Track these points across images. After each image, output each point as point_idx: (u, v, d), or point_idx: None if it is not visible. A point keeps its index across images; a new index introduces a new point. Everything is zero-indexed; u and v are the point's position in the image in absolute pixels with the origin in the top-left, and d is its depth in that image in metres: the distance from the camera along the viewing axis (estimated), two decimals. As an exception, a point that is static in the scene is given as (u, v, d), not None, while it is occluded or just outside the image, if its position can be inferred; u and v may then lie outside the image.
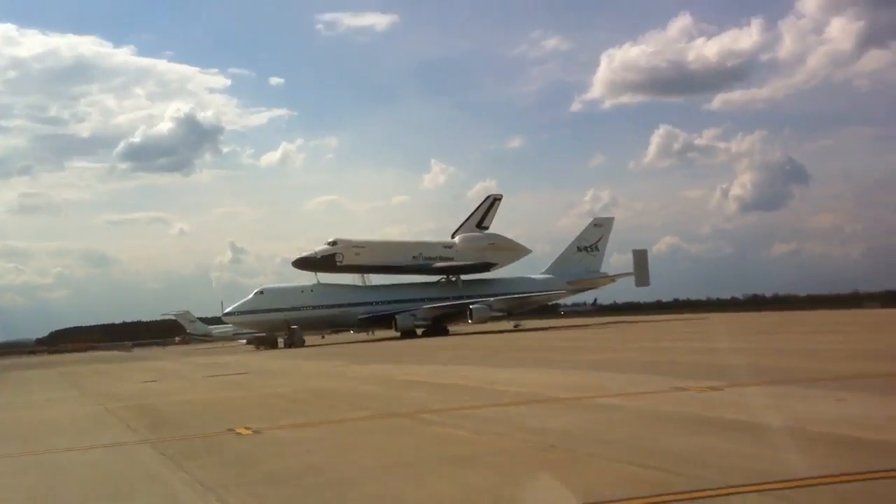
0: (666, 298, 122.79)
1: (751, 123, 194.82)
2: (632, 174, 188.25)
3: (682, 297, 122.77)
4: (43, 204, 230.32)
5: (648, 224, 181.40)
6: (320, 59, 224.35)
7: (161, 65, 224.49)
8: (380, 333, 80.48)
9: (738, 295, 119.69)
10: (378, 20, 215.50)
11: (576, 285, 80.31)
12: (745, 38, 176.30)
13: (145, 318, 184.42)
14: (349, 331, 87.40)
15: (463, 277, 79.05)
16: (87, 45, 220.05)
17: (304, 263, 75.45)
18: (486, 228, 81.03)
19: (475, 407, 15.21)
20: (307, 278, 76.61)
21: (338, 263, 74.73)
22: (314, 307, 73.14)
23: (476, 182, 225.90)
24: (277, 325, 72.49)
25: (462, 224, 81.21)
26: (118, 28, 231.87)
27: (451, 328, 76.10)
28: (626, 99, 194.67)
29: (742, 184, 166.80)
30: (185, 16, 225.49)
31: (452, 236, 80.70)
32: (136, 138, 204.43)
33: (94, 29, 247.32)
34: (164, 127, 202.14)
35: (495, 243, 79.40)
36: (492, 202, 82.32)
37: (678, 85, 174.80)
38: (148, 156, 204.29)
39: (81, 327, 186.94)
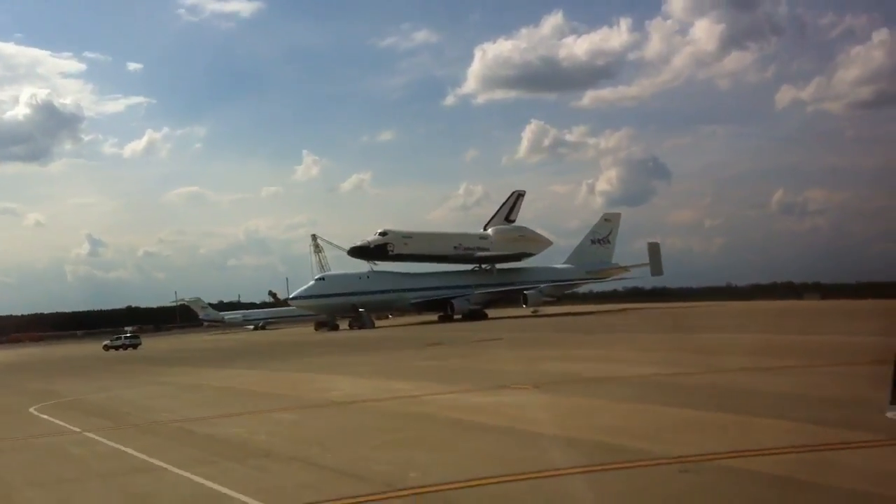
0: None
1: (618, 120, 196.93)
2: (504, 168, 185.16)
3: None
4: None
5: (518, 217, 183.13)
6: (183, 44, 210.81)
7: (9, 48, 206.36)
8: (409, 318, 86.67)
9: (619, 288, 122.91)
10: (243, 6, 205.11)
11: (595, 274, 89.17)
12: (614, 37, 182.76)
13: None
14: (387, 315, 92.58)
15: (497, 266, 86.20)
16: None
17: (359, 252, 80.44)
18: (513, 221, 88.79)
19: None
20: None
21: (389, 252, 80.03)
22: (372, 292, 78.25)
23: (350, 174, 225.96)
24: (342, 309, 77.21)
25: (492, 218, 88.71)
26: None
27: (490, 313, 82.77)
28: (499, 94, 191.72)
29: (608, 179, 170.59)
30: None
31: (484, 229, 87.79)
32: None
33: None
34: (19, 112, 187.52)
35: (524, 235, 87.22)
36: (517, 197, 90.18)
37: (550, 81, 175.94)
38: (0, 143, 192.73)
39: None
